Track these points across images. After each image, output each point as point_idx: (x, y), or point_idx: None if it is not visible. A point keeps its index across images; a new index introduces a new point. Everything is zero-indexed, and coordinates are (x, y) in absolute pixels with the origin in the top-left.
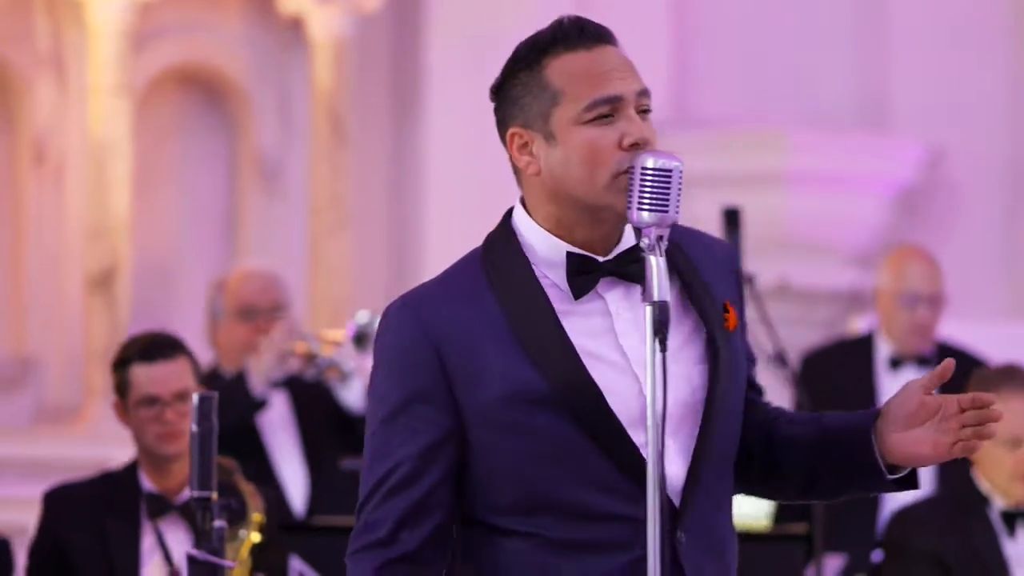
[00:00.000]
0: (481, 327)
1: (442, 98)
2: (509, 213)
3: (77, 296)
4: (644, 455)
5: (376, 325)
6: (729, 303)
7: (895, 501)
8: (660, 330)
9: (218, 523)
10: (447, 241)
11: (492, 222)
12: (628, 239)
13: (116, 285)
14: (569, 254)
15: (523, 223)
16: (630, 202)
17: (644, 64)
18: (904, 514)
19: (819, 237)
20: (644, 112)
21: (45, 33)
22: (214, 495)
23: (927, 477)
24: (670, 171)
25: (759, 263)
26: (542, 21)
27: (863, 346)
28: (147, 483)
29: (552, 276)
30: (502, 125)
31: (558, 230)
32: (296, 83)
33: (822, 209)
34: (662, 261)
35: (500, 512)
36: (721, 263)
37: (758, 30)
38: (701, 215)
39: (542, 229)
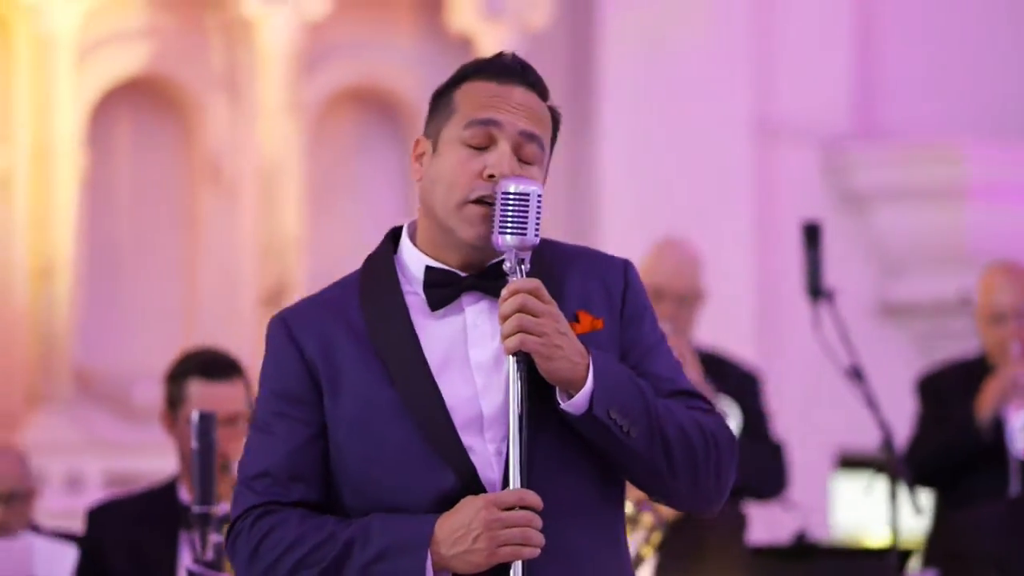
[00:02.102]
0: (343, 338)
1: (617, 113)
2: (393, 231)
3: (249, 313)
4: (472, 460)
5: None
6: (583, 312)
7: None
8: (520, 355)
9: (216, 537)
10: (623, 255)
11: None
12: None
13: (287, 302)
14: (428, 268)
15: (403, 241)
16: (494, 226)
17: (827, 78)
18: (963, 519)
19: (1001, 251)
20: (524, 157)
21: (218, 54)
22: (215, 510)
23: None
24: (527, 195)
25: (940, 277)
26: (715, 34)
27: (978, 367)
28: (185, 496)
29: (417, 290)
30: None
31: (430, 248)
32: None
33: (1004, 223)
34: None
35: (352, 512)
36: (590, 276)
37: (942, 43)
38: (885, 228)
39: (412, 245)
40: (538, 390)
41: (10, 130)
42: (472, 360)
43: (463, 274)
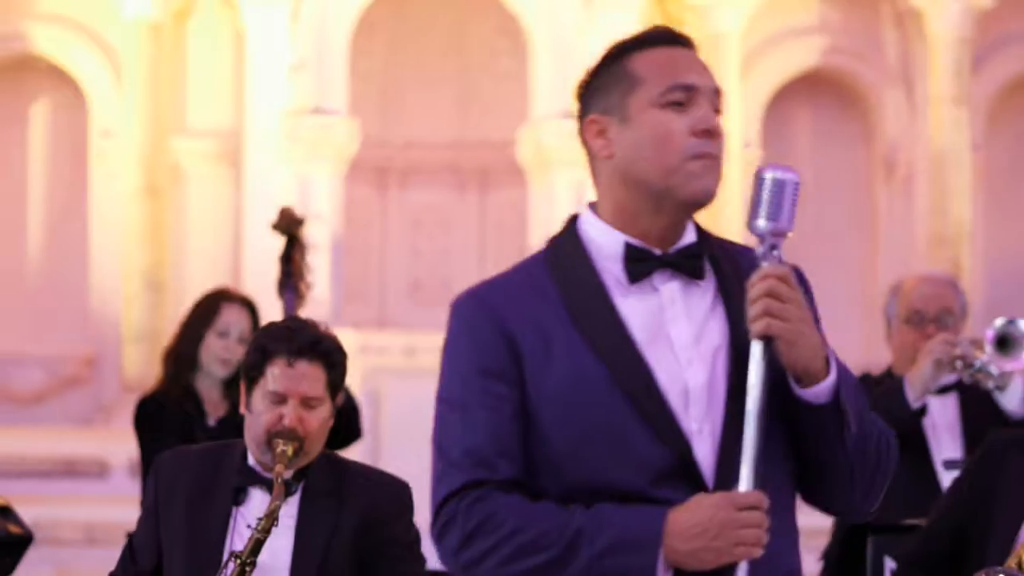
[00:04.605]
0: (545, 314)
1: None
2: (573, 218)
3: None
4: (686, 433)
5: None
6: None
7: None
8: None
9: None
10: None
11: None
12: (688, 236)
13: None
14: (627, 244)
15: (587, 221)
16: (751, 210)
17: None
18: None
19: None
20: (718, 111)
21: (893, 47)
22: None
23: None
24: (784, 182)
25: None
26: None
27: None
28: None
29: (611, 267)
30: (581, 118)
31: (620, 220)
32: None
33: None
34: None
35: (555, 497)
36: (746, 272)
37: None
38: None
39: (604, 224)
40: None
41: None
42: (673, 337)
43: (657, 251)
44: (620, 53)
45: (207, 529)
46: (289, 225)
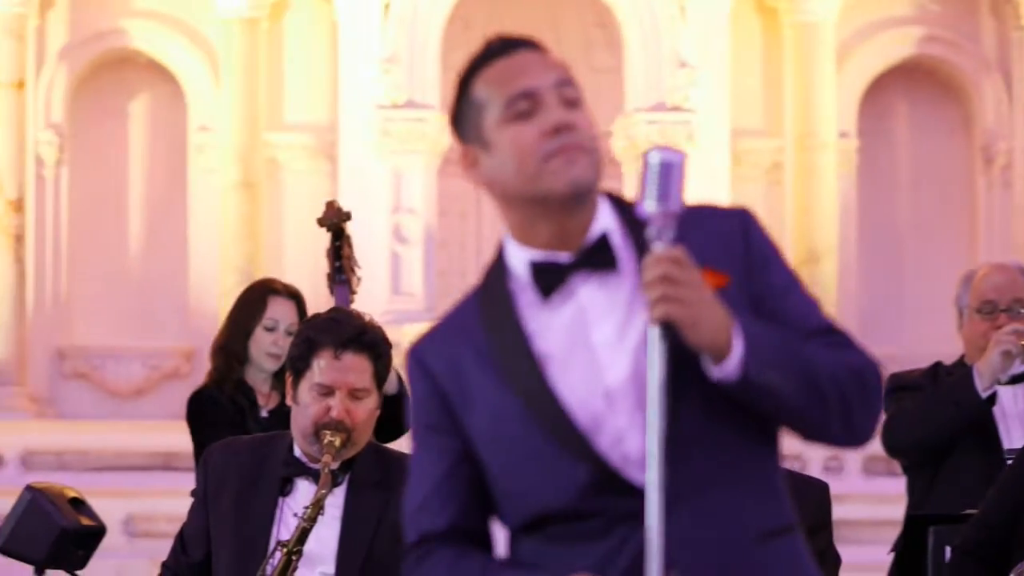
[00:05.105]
0: (466, 358)
1: None
2: (500, 245)
3: None
4: (600, 444)
5: None
6: (706, 269)
7: None
8: (663, 326)
9: None
10: None
11: None
12: (599, 226)
13: None
14: (532, 263)
15: (507, 245)
16: (638, 194)
17: None
18: None
19: None
20: (569, 101)
21: (990, 36)
22: None
23: None
24: (671, 164)
25: None
26: None
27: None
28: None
29: (525, 288)
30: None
31: (524, 237)
32: None
33: None
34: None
35: (516, 531)
36: (707, 232)
37: None
38: None
39: (515, 245)
40: (677, 362)
41: (778, 121)
42: (595, 340)
43: (565, 258)
44: (465, 79)
45: (254, 519)
46: (336, 219)
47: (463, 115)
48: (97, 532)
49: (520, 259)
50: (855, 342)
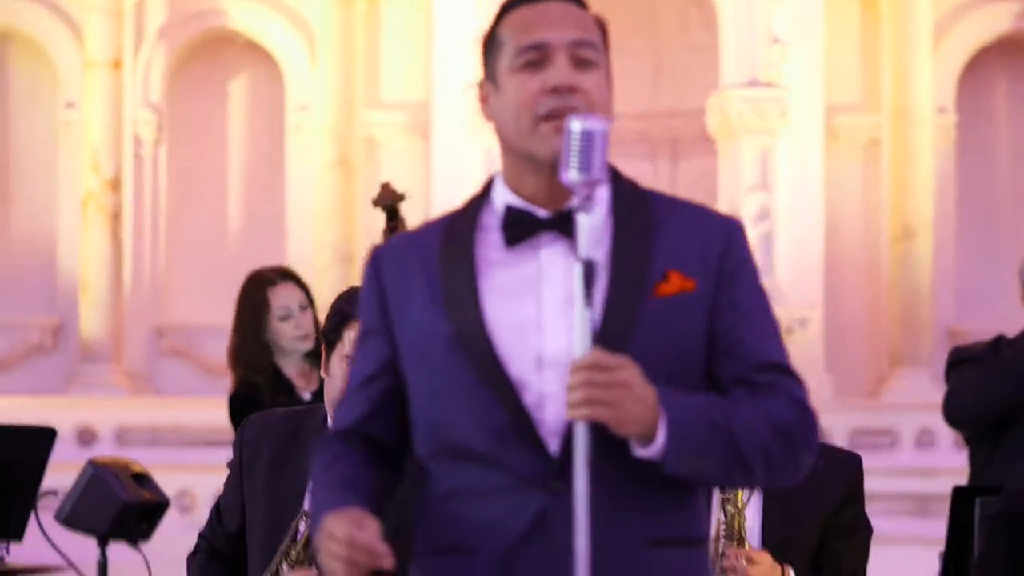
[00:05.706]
0: (418, 272)
1: None
2: (490, 179)
3: None
4: (524, 397)
5: None
6: (675, 271)
7: None
8: (587, 285)
9: None
10: None
11: None
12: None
13: None
14: (508, 208)
15: (496, 181)
16: (561, 162)
17: None
18: None
19: None
20: (582, 62)
21: None
22: None
23: None
24: (592, 132)
25: None
26: None
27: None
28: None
29: (496, 229)
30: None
31: (512, 181)
32: None
33: None
34: (589, 219)
35: (426, 458)
36: (690, 234)
37: None
38: None
39: (503, 186)
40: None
41: (875, 97)
42: (543, 301)
43: (543, 213)
44: (498, 17)
45: (286, 491)
46: (391, 200)
47: (488, 50)
48: (161, 506)
49: (501, 200)
50: (797, 385)
